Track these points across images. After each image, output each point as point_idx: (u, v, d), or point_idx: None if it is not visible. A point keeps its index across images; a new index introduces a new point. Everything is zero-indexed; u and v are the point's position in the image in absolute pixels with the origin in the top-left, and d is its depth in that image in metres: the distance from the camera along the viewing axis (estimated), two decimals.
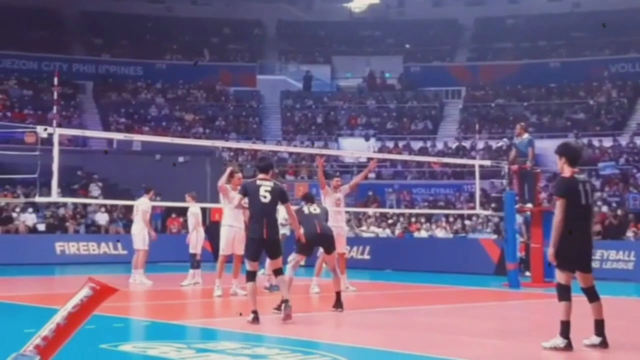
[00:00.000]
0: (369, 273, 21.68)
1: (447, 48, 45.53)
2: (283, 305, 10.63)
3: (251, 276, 10.64)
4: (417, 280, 20.18)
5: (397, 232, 27.67)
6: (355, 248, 24.67)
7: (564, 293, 8.54)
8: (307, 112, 42.27)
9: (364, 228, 27.51)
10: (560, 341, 8.44)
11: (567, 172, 8.75)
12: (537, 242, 18.56)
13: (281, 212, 14.11)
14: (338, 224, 15.77)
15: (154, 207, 26.74)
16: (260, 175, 10.79)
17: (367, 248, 25.02)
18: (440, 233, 26.38)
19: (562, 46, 42.74)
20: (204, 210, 20.45)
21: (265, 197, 10.56)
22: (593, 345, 8.62)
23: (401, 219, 28.77)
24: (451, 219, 27.99)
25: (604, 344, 8.60)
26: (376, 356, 8.57)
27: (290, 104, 43.15)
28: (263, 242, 10.53)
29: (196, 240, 17.14)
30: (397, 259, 24.20)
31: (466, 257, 23.16)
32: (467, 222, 27.31)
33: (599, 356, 8.50)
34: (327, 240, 12.30)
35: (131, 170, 29.89)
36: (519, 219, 20.49)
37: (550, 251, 8.64)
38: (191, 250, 17.11)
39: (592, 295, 8.69)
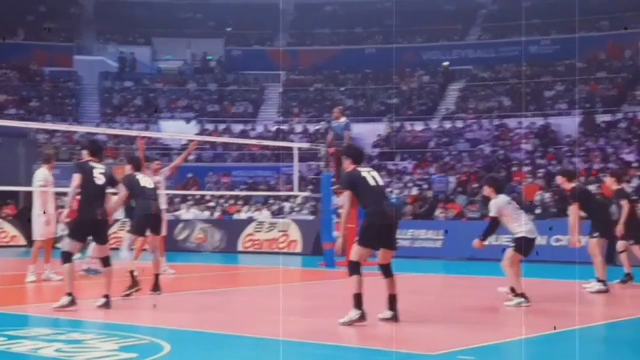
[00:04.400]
0: (191, 255, 21.77)
1: (267, 32, 45.94)
2: (104, 301, 10.48)
3: (69, 257, 10.39)
4: (237, 261, 20.48)
5: (216, 214, 27.82)
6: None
7: (356, 268, 9.12)
8: (126, 93, 41.58)
9: (183, 210, 27.48)
10: (354, 313, 9.01)
11: (349, 168, 9.49)
12: (352, 222, 19.17)
13: None
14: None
15: None
16: (91, 158, 10.60)
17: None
18: (259, 215, 26.70)
19: (377, 33, 44.03)
20: (16, 193, 19.90)
21: (99, 179, 10.41)
22: (386, 319, 9.23)
23: (221, 201, 28.94)
24: (271, 201, 28.42)
25: (395, 318, 9.24)
26: (192, 338, 8.70)
27: (109, 85, 42.30)
28: (96, 225, 10.39)
29: None
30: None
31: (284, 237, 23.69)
32: (285, 203, 27.81)
33: (388, 329, 8.99)
34: (158, 222, 12.35)
35: None
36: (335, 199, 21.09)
37: (338, 241, 9.40)
38: None
39: (388, 271, 9.32)
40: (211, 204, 28.70)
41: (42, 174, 14.46)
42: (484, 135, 33.46)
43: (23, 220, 19.61)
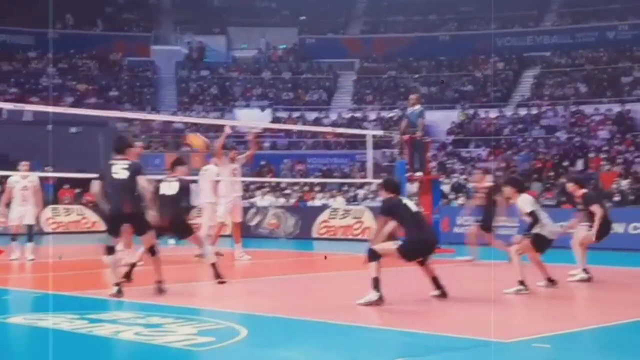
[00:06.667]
0: (265, 241, 22.00)
1: (340, 20, 45.96)
2: (156, 287, 10.72)
3: (109, 250, 10.54)
4: (312, 248, 20.60)
5: (292, 201, 28.04)
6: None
7: (375, 257, 9.71)
8: (202, 82, 42.13)
9: (258, 197, 27.74)
10: (373, 295, 9.52)
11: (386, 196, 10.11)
12: (426, 209, 19.20)
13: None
14: (235, 194, 16.22)
15: (46, 179, 26.44)
16: (116, 156, 10.74)
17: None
18: (334, 202, 26.81)
19: (451, 20, 43.68)
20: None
21: (121, 174, 10.50)
22: (435, 296, 10.11)
23: (296, 188, 29.16)
24: (345, 188, 28.51)
25: (443, 294, 10.08)
26: (268, 323, 8.84)
27: (185, 74, 42.91)
28: (124, 218, 10.55)
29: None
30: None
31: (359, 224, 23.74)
32: (359, 191, 27.86)
33: (461, 316, 9.10)
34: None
35: (22, 141, 29.36)
36: (409, 187, 21.07)
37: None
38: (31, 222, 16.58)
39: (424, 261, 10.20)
40: (287, 191, 28.95)
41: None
42: (559, 122, 32.99)
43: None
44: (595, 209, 12.42)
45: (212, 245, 15.68)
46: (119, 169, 10.57)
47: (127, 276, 11.35)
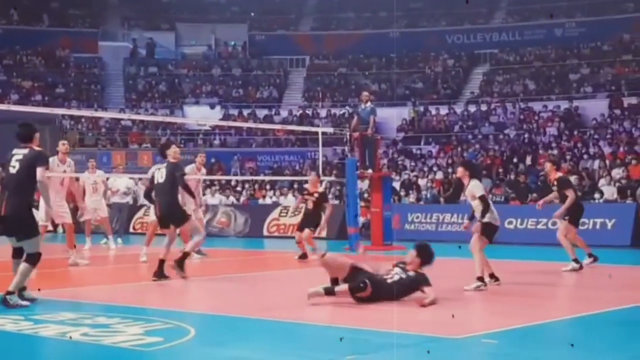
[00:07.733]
0: (215, 240, 21.83)
1: (291, 17, 45.88)
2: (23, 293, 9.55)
3: (13, 253, 9.60)
4: (262, 246, 20.47)
5: (242, 199, 27.89)
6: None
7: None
8: (151, 79, 41.75)
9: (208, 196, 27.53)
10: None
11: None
12: (377, 206, 19.26)
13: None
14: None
15: None
16: (21, 144, 9.62)
17: None
18: (285, 200, 26.73)
19: (402, 17, 43.84)
20: None
21: (14, 167, 9.40)
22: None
23: (246, 186, 29.01)
24: (296, 186, 28.43)
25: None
26: (217, 322, 8.79)
27: (133, 71, 42.47)
28: (3, 220, 9.32)
29: None
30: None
31: None
32: None
33: (412, 313, 9.13)
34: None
35: None
36: (360, 184, 21.10)
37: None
38: None
39: None
40: (237, 189, 28.80)
41: (54, 161, 14.51)
42: (508, 119, 33.29)
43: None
44: (569, 192, 13.51)
45: (146, 245, 15.28)
46: (15, 161, 9.40)
47: (180, 266, 11.71)
